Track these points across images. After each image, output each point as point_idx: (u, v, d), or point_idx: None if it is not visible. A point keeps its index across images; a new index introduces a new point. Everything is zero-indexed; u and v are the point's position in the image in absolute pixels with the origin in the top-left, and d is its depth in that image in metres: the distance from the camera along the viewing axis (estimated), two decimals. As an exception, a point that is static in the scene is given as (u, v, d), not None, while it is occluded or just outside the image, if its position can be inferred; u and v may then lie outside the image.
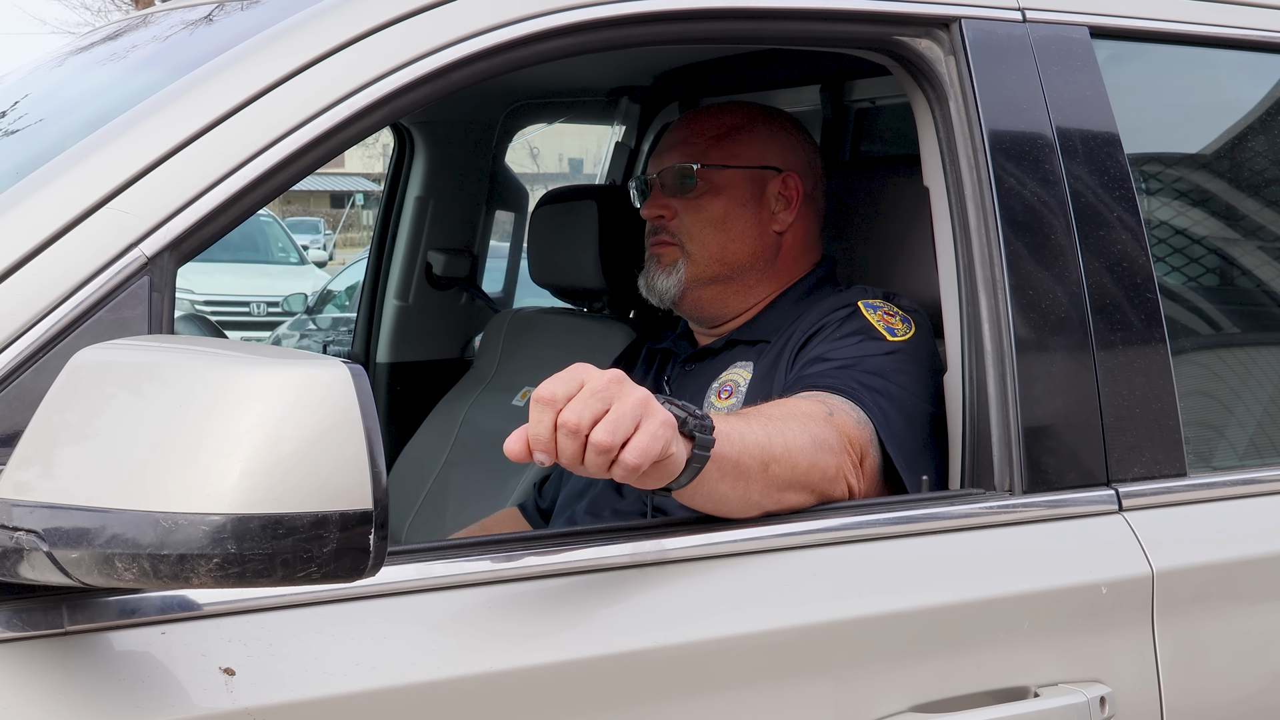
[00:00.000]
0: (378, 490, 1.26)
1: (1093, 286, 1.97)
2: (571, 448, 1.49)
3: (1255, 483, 2.15)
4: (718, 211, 2.34)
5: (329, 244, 25.51)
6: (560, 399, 1.49)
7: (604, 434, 1.48)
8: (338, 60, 1.62)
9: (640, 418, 1.50)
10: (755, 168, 2.36)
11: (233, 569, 1.23)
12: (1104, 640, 1.89)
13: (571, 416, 1.48)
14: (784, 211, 2.36)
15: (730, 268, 2.34)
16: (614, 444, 1.48)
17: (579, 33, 1.76)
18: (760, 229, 2.35)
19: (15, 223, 1.47)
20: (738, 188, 2.35)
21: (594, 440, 1.48)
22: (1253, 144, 2.43)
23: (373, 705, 1.48)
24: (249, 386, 1.26)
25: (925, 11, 1.97)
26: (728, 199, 2.34)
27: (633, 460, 1.49)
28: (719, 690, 1.66)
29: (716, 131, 2.39)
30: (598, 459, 1.49)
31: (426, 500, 3.18)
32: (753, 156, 2.37)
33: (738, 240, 2.34)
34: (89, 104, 1.96)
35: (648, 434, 1.50)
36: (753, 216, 2.35)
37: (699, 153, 2.36)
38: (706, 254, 2.33)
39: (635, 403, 1.50)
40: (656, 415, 1.52)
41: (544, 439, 1.49)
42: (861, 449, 1.92)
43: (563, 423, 1.48)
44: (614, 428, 1.48)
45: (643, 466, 1.50)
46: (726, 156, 2.36)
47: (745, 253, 2.34)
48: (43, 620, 1.38)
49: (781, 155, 2.39)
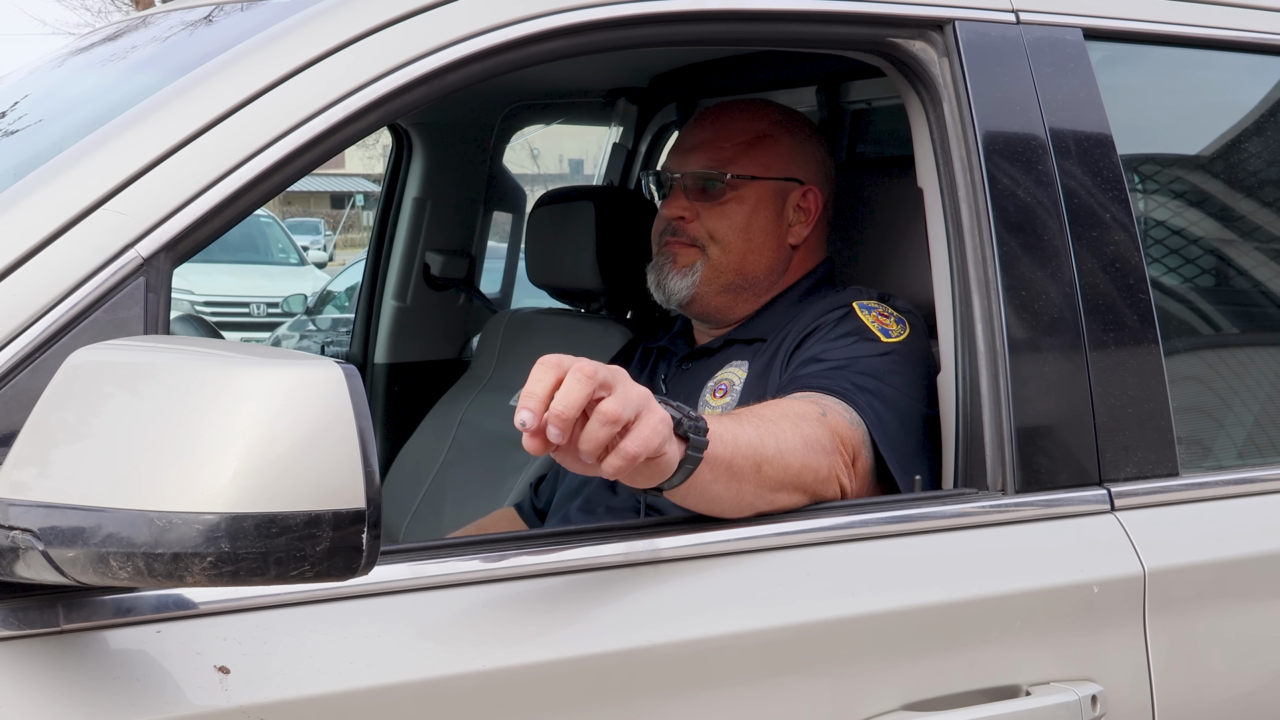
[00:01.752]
0: (370, 489, 1.27)
1: (1086, 287, 1.98)
2: (580, 391, 1.45)
3: (1247, 483, 2.16)
4: (741, 221, 2.33)
5: (329, 245, 25.49)
6: (566, 363, 1.48)
7: (614, 404, 1.47)
8: (335, 61, 1.63)
9: (641, 409, 1.51)
10: (780, 179, 2.35)
11: (227, 567, 1.24)
12: (1096, 639, 1.89)
13: (588, 365, 1.47)
14: (801, 225, 2.36)
15: (745, 277, 2.34)
16: (621, 417, 1.47)
17: (576, 34, 1.77)
18: (778, 241, 2.35)
19: (12, 223, 1.48)
20: (762, 199, 2.34)
21: (603, 408, 1.47)
22: (1246, 145, 2.44)
23: (366, 703, 1.48)
24: (243, 386, 1.26)
25: (919, 13, 1.97)
26: (751, 209, 2.33)
27: (633, 447, 1.49)
28: (712, 689, 1.66)
29: (745, 137, 2.37)
30: (601, 429, 1.47)
31: (424, 500, 3.19)
32: (779, 167, 2.36)
33: (756, 251, 2.34)
34: (87, 105, 1.96)
35: (648, 426, 1.51)
36: (772, 229, 2.35)
37: (728, 159, 2.35)
38: (725, 262, 2.33)
39: (640, 393, 1.51)
40: (656, 411, 1.53)
41: (538, 396, 1.46)
42: (854, 449, 1.92)
43: (579, 368, 1.46)
44: (623, 403, 1.48)
45: (641, 456, 1.50)
46: (755, 167, 2.34)
47: (761, 265, 2.34)
48: (39, 619, 1.38)
49: (805, 167, 2.39)
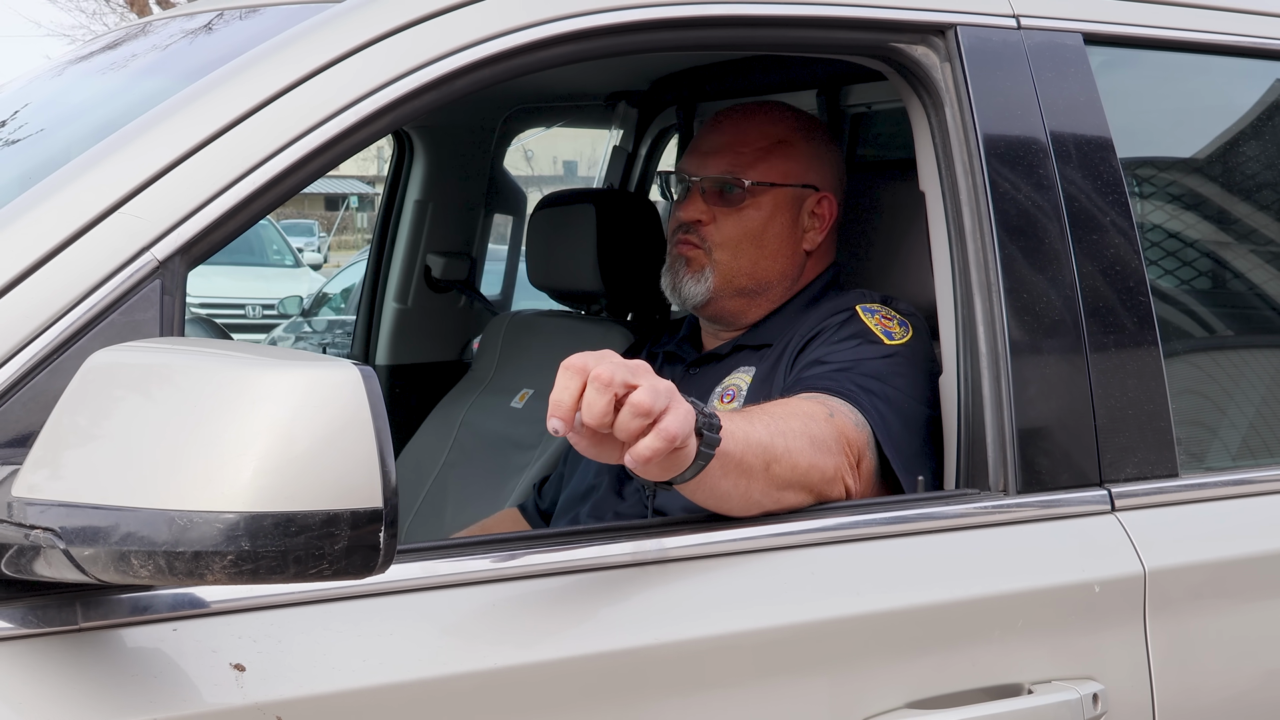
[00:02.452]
0: (387, 489, 1.28)
1: (1086, 290, 1.99)
2: (601, 402, 1.48)
3: (1246, 483, 2.17)
4: (756, 227, 2.34)
5: (324, 246, 25.49)
6: (591, 365, 1.50)
7: (645, 395, 1.49)
8: (346, 67, 1.64)
9: (670, 399, 1.53)
10: (797, 186, 2.36)
11: (246, 566, 1.25)
12: (1097, 638, 1.91)
13: (605, 372, 1.49)
14: (815, 231, 2.37)
15: (758, 282, 2.35)
16: (654, 409, 1.49)
17: (582, 40, 1.78)
18: (793, 247, 2.36)
19: (30, 228, 1.49)
20: (779, 205, 2.35)
21: (635, 399, 1.49)
22: (1244, 149, 2.46)
23: (379, 701, 1.50)
24: (261, 388, 1.28)
25: (921, 18, 1.99)
26: (768, 215, 2.34)
27: (669, 431, 1.50)
28: (718, 687, 1.68)
29: (764, 143, 2.37)
30: (634, 421, 1.49)
31: (425, 502, 3.20)
32: (797, 174, 2.37)
33: (770, 257, 2.35)
34: (95, 111, 1.98)
35: (678, 417, 1.52)
36: (788, 235, 2.35)
37: (746, 164, 2.35)
38: (739, 267, 2.34)
39: (666, 385, 1.53)
40: (683, 402, 1.55)
41: (565, 405, 1.49)
42: (859, 450, 1.94)
43: (595, 376, 1.48)
44: (654, 395, 1.49)
45: (679, 438, 1.51)
46: (773, 173, 2.35)
47: (775, 270, 2.35)
48: (57, 617, 1.40)
49: (821, 173, 2.39)
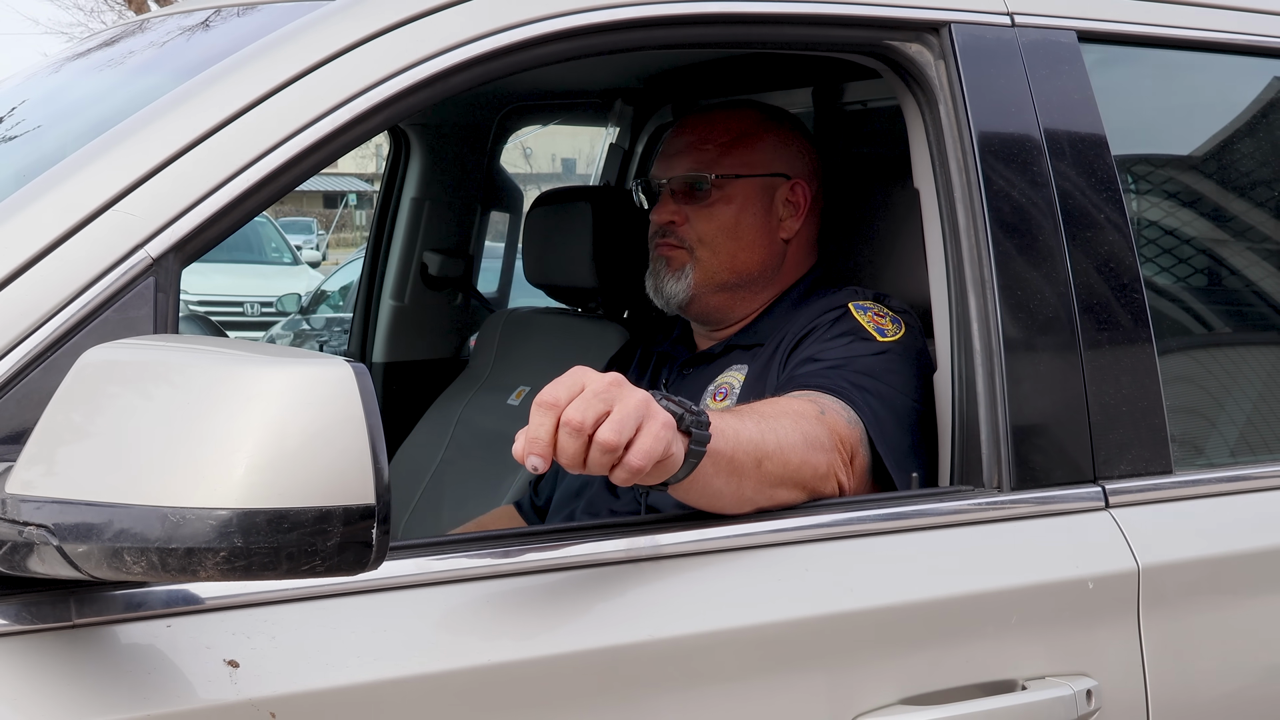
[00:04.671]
0: (380, 486, 1.29)
1: (1080, 286, 2.00)
2: (574, 446, 1.51)
3: (1240, 479, 2.17)
4: (729, 220, 2.35)
5: (322, 244, 25.50)
6: (563, 401, 1.52)
7: (610, 433, 1.50)
8: (341, 64, 1.65)
9: (642, 419, 1.53)
10: (765, 175, 2.38)
11: (239, 562, 1.26)
12: (1090, 634, 1.91)
13: (575, 415, 1.50)
14: (791, 219, 2.38)
15: (739, 275, 2.36)
16: (619, 443, 1.51)
17: (577, 37, 1.79)
18: (769, 237, 2.37)
19: (24, 225, 1.49)
20: (749, 196, 2.36)
21: (600, 439, 1.50)
22: (1238, 146, 2.46)
23: (373, 697, 1.50)
24: (254, 385, 1.28)
25: (915, 16, 1.99)
26: (739, 207, 2.35)
27: (637, 462, 1.52)
28: (713, 683, 1.68)
29: (726, 138, 2.39)
30: (603, 458, 1.51)
31: (423, 499, 3.20)
32: (763, 164, 2.38)
33: (747, 249, 2.36)
34: (91, 108, 1.98)
35: (650, 435, 1.53)
36: (762, 225, 2.37)
37: (711, 160, 2.37)
38: (717, 261, 2.35)
39: (637, 404, 1.53)
40: (657, 417, 1.55)
41: (543, 441, 1.51)
42: (852, 447, 1.94)
43: (566, 421, 1.50)
44: (619, 428, 1.51)
45: (646, 468, 1.53)
46: (738, 165, 2.37)
47: (755, 261, 2.36)
48: (51, 613, 1.40)
49: (789, 161, 2.41)
